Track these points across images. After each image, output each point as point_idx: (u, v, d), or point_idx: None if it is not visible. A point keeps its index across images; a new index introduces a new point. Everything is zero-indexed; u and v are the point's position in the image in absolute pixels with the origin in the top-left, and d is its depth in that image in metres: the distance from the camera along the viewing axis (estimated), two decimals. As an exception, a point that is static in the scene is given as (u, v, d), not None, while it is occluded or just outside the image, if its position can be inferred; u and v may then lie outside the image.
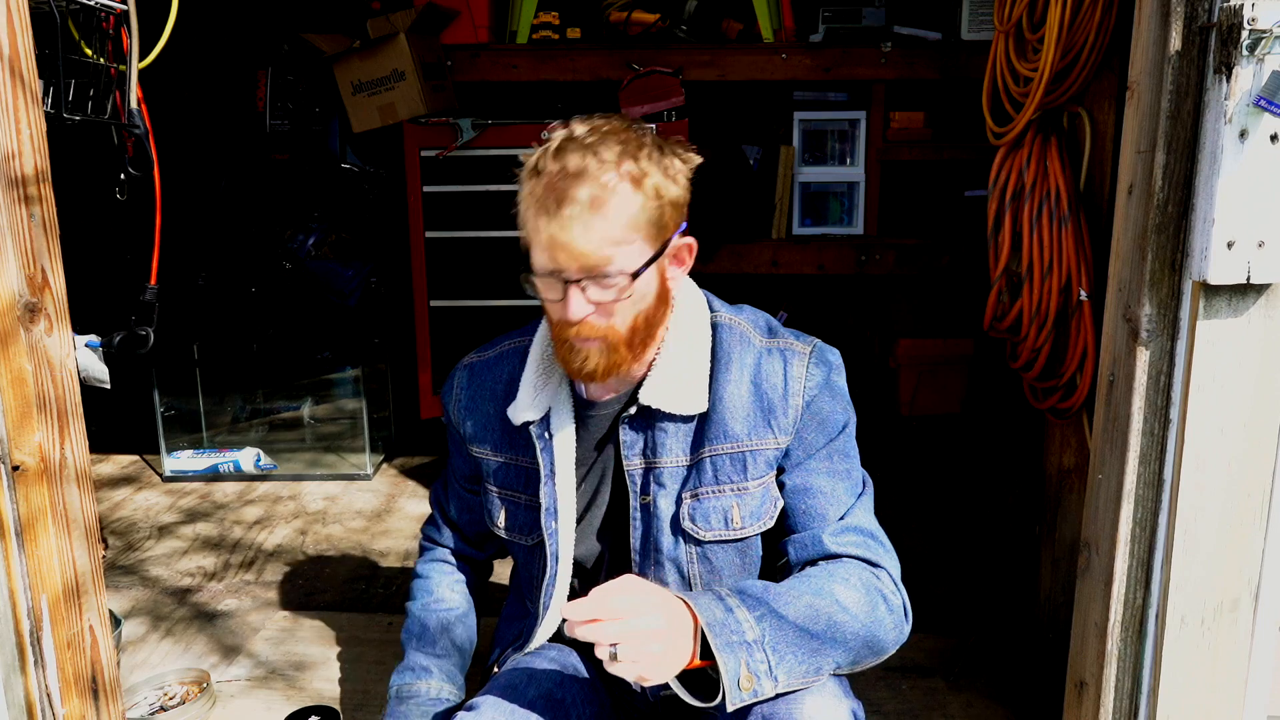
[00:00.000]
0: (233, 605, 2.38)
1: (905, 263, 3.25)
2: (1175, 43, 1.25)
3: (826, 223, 3.41)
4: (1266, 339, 1.30)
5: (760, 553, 1.32)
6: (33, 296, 1.29)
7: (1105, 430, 1.46)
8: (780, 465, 1.28)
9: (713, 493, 1.26)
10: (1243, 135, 1.22)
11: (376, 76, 2.99)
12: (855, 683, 1.28)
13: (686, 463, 1.27)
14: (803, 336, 1.32)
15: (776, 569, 1.33)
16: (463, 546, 1.60)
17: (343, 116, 3.21)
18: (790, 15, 3.28)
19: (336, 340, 3.71)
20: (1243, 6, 1.17)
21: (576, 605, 1.04)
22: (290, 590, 2.46)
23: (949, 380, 3.42)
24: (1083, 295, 1.76)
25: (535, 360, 1.34)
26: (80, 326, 1.43)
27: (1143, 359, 1.35)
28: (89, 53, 1.51)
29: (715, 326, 1.30)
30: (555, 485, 1.31)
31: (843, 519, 1.26)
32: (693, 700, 1.10)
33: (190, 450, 3.30)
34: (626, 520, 1.31)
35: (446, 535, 1.60)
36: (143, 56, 1.54)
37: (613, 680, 1.34)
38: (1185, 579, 1.37)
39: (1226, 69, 1.20)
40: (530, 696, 1.26)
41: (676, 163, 1.19)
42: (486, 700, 1.25)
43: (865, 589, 1.19)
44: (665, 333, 1.27)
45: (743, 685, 1.05)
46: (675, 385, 1.25)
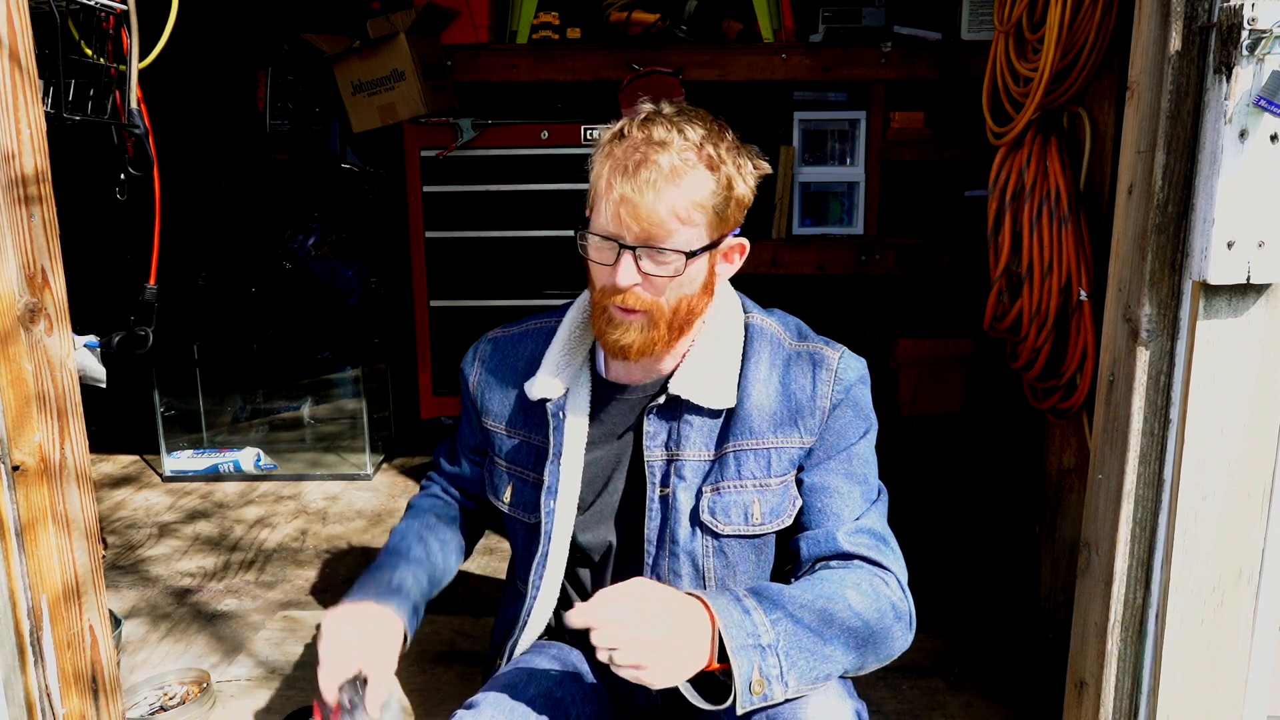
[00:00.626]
0: (233, 605, 2.38)
1: (905, 263, 3.25)
2: (1175, 43, 1.25)
3: (826, 223, 3.41)
4: (1266, 339, 1.30)
5: (774, 552, 1.33)
6: (33, 296, 1.29)
7: (1105, 430, 1.46)
8: (801, 464, 1.29)
9: (734, 487, 1.27)
10: (1243, 135, 1.22)
11: (376, 76, 2.99)
12: (855, 683, 1.28)
13: (710, 457, 1.28)
14: (831, 343, 1.33)
15: (785, 572, 1.33)
16: (459, 496, 1.57)
17: (343, 116, 3.21)
18: (790, 15, 3.28)
19: (336, 340, 3.71)
20: (1243, 6, 1.17)
21: (578, 612, 1.04)
22: (291, 590, 2.46)
23: (949, 380, 3.41)
24: (1083, 295, 1.76)
25: (562, 339, 1.34)
26: (80, 326, 1.43)
27: (1143, 359, 1.35)
28: (89, 53, 1.51)
29: (747, 327, 1.32)
30: (560, 466, 1.31)
31: (858, 519, 1.27)
32: (701, 703, 1.09)
33: (190, 450, 3.30)
34: (641, 510, 1.31)
35: (444, 481, 1.58)
36: (143, 56, 1.54)
37: (614, 679, 1.34)
38: (1185, 579, 1.37)
39: (1226, 69, 1.20)
40: (530, 695, 1.26)
41: (750, 164, 1.23)
42: (486, 698, 1.25)
43: (876, 595, 1.19)
44: (701, 326, 1.29)
45: (754, 689, 1.05)
46: (706, 379, 1.26)
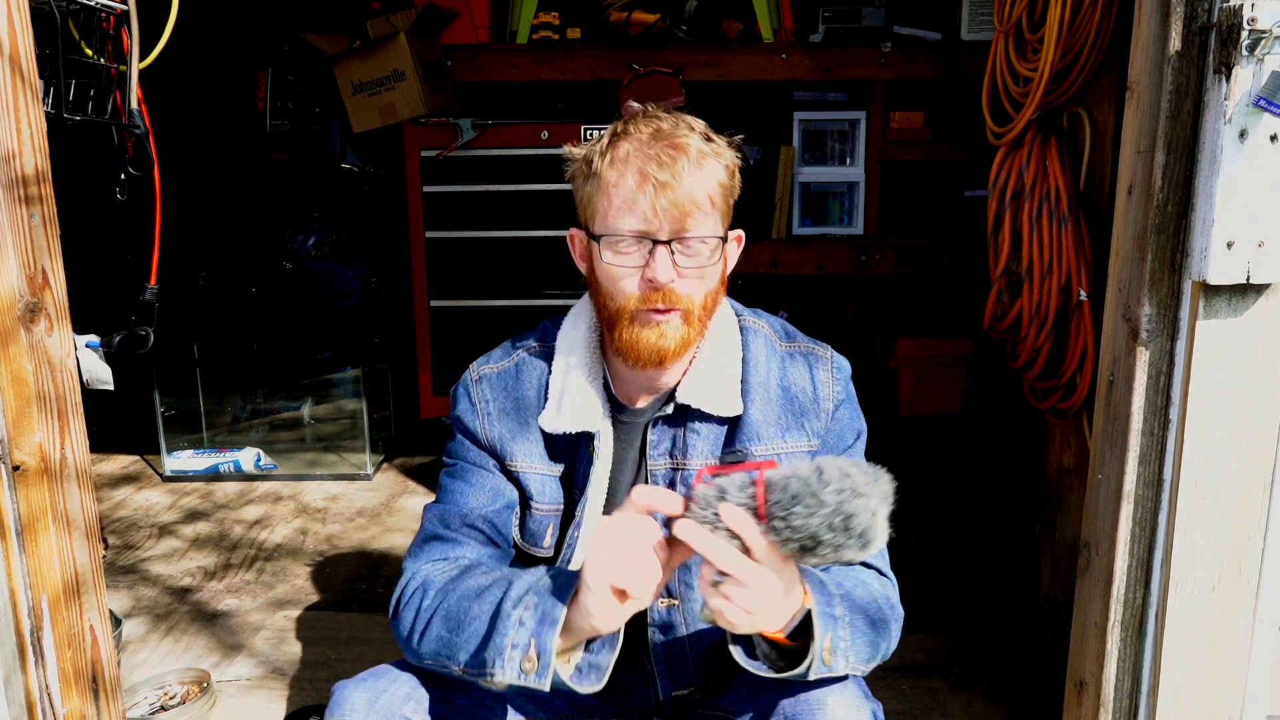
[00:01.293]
0: (233, 605, 2.38)
1: (905, 263, 3.25)
2: (1175, 43, 1.25)
3: (826, 223, 3.41)
4: (1266, 339, 1.30)
5: None
6: (33, 296, 1.29)
7: (1105, 430, 1.46)
8: None
9: None
10: (1242, 135, 1.22)
11: (376, 76, 2.99)
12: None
13: None
14: (817, 342, 1.32)
15: None
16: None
17: (343, 116, 3.22)
18: (790, 15, 3.28)
19: (336, 340, 3.71)
20: (1242, 6, 1.17)
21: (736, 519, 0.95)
22: (290, 590, 2.46)
23: (949, 380, 3.41)
24: (1083, 295, 1.76)
25: (574, 366, 1.26)
26: (80, 326, 1.43)
27: (1143, 359, 1.35)
28: (89, 53, 1.51)
29: (742, 330, 1.30)
30: (588, 495, 1.26)
31: None
32: (748, 664, 1.09)
33: (190, 450, 3.30)
34: None
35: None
36: (143, 56, 1.54)
37: (620, 685, 1.34)
38: (1185, 578, 1.37)
39: (1226, 69, 1.20)
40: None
41: (736, 154, 1.22)
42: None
43: (885, 594, 1.21)
44: (704, 331, 1.26)
45: (825, 658, 1.05)
46: (712, 385, 1.24)
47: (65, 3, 1.42)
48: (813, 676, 1.06)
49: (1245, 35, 1.18)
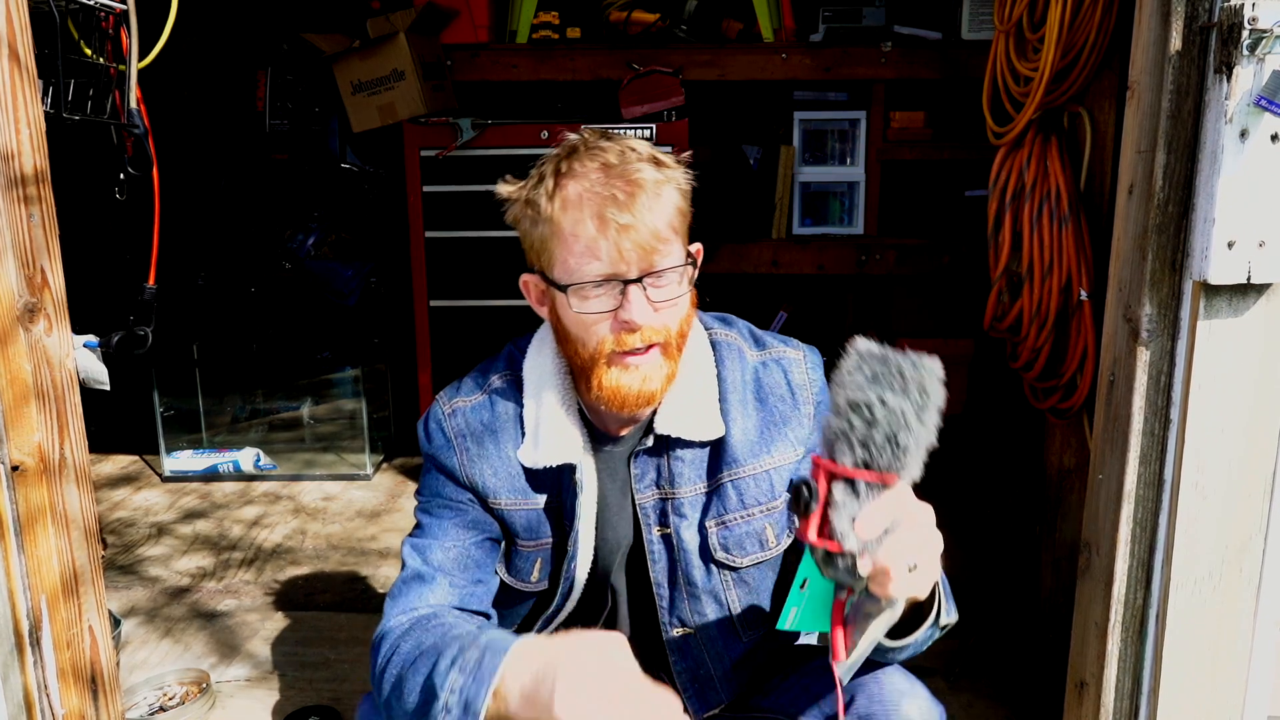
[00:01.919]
0: (232, 605, 2.38)
1: (905, 262, 3.25)
2: (1175, 42, 1.25)
3: (826, 222, 3.41)
4: (1267, 339, 1.30)
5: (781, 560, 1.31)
6: (32, 296, 1.29)
7: (1105, 430, 1.46)
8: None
9: (742, 518, 1.23)
10: (1243, 135, 1.22)
11: (376, 76, 2.99)
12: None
13: (705, 489, 1.23)
14: (789, 340, 1.29)
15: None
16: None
17: (343, 116, 3.21)
18: (790, 15, 3.28)
19: (336, 340, 3.71)
20: (1243, 6, 1.17)
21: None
22: (290, 590, 2.46)
23: (949, 380, 3.41)
24: (1083, 295, 1.76)
25: (546, 400, 1.22)
26: (80, 326, 1.43)
27: (1143, 359, 1.35)
28: (88, 52, 1.51)
29: (714, 345, 1.26)
30: (579, 528, 1.23)
31: None
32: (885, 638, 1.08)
33: (190, 450, 3.30)
34: (643, 553, 1.25)
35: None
36: (142, 56, 1.54)
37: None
38: (1185, 579, 1.37)
39: (1227, 69, 1.20)
40: None
41: (681, 169, 1.17)
42: None
43: None
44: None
45: (942, 621, 1.10)
46: (691, 411, 1.20)
47: (64, 2, 1.42)
48: (926, 643, 1.10)
49: (1246, 35, 1.18)
